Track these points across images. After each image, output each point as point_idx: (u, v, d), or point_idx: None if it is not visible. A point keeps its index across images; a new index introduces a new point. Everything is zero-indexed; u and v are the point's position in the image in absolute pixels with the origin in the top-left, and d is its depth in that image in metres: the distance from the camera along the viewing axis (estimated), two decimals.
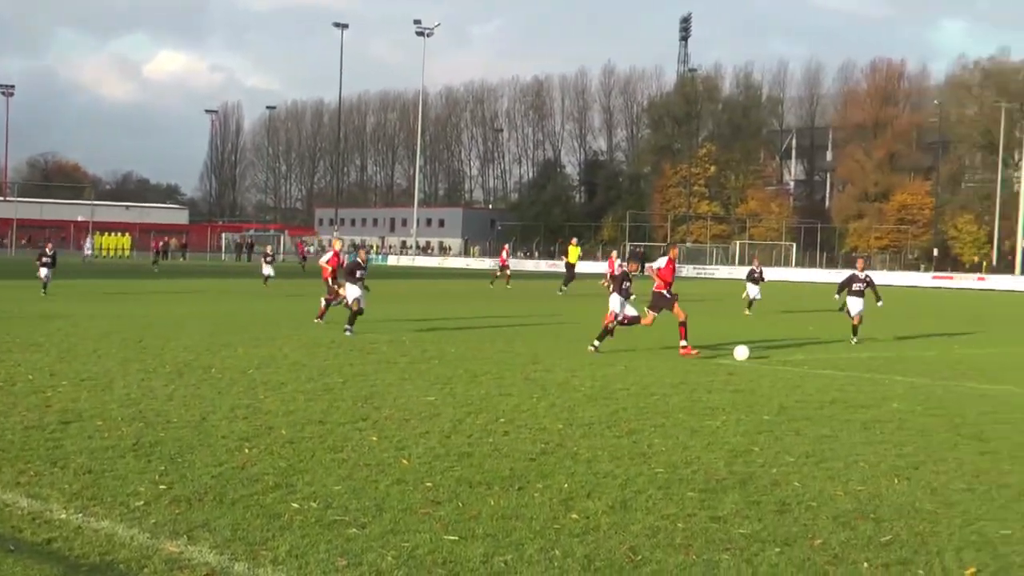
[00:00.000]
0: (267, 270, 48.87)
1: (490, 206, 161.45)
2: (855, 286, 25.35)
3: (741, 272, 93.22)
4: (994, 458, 11.01)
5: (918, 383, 17.44)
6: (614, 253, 48.20)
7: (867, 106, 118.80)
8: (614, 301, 21.47)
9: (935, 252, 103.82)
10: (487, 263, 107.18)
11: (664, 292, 21.39)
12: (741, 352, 20.07)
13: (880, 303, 25.74)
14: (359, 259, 24.92)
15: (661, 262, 21.84)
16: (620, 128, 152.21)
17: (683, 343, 20.65)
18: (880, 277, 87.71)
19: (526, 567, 6.95)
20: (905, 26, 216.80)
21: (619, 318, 21.42)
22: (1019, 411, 14.53)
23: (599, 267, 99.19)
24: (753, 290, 36.53)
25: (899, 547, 7.62)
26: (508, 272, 52.86)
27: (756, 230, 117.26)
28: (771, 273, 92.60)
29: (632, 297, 21.79)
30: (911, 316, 36.61)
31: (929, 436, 12.25)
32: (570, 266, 47.81)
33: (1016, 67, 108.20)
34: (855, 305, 25.13)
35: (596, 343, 20.89)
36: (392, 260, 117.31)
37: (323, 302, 26.54)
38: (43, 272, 36.09)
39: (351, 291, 24.10)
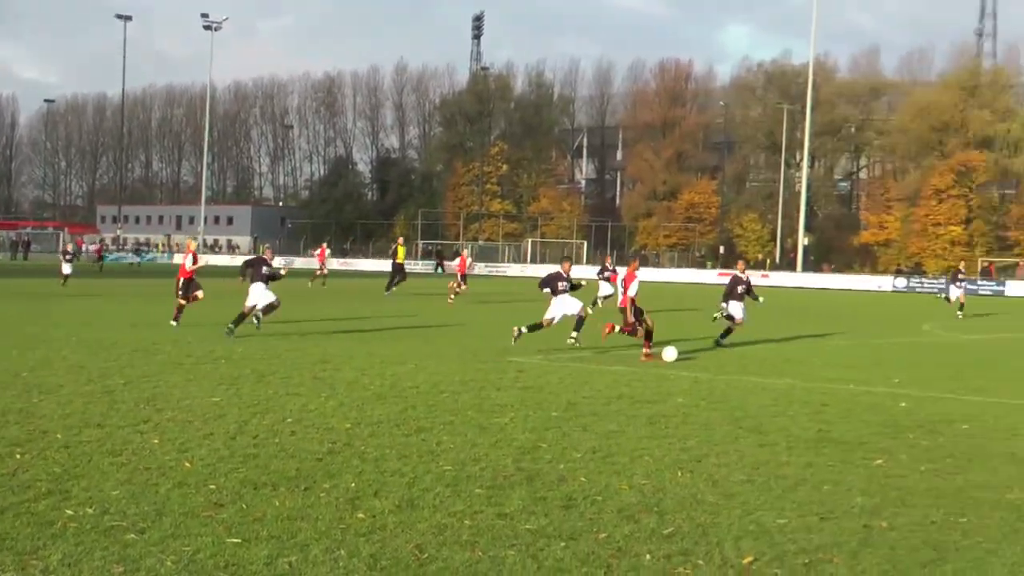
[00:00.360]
0: (66, 268, 46.93)
1: (280, 203, 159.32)
2: (739, 288, 24.61)
3: (534, 270, 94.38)
4: (772, 450, 11.35)
5: (702, 378, 17.86)
6: (465, 252, 47.88)
7: (656, 106, 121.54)
8: (555, 305, 21.79)
9: (721, 249, 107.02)
10: (277, 261, 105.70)
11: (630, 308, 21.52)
12: (670, 353, 20.07)
13: (761, 300, 25.35)
14: (265, 256, 23.92)
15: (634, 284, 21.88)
16: (413, 126, 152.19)
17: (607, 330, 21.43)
18: (668, 274, 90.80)
19: (311, 568, 6.83)
20: (692, 27, 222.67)
21: (554, 320, 21.94)
22: (798, 403, 15.02)
23: (383, 266, 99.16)
24: (606, 288, 36.98)
25: (681, 538, 7.78)
26: (321, 273, 52.07)
27: (548, 228, 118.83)
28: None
29: (584, 284, 22.32)
30: (698, 312, 37.56)
31: (712, 430, 12.56)
32: (398, 266, 47.29)
33: (797, 70, 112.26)
34: (737, 310, 24.49)
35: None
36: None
37: (177, 305, 25.36)
38: None
39: (254, 293, 23.23)
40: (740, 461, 10.67)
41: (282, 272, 24.34)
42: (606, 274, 36.83)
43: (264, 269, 23.38)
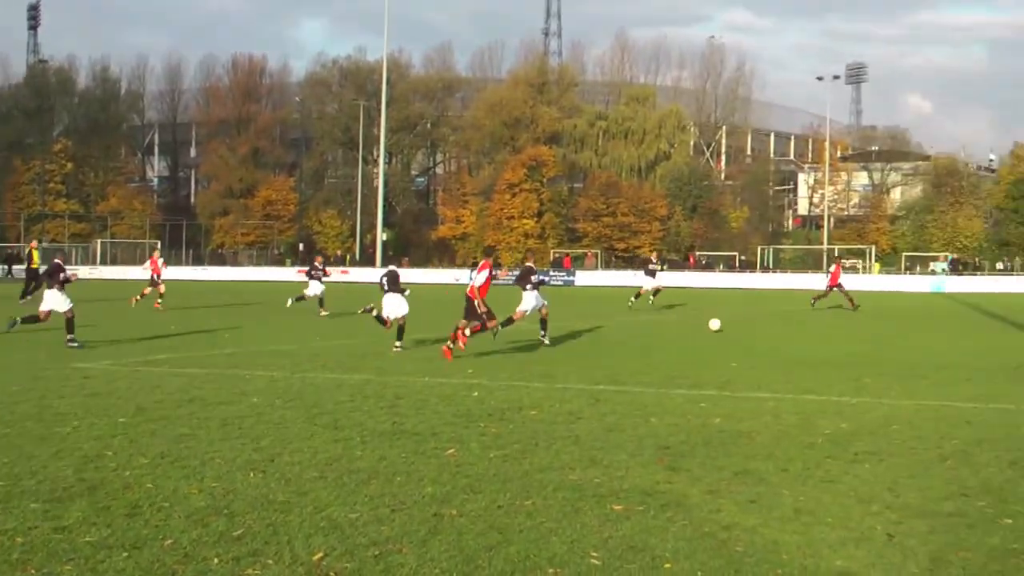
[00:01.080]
0: None
1: None
2: (533, 278, 24.83)
3: (105, 272, 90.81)
4: (347, 444, 11.34)
5: (278, 376, 17.67)
6: (156, 253, 43.89)
7: (229, 102, 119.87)
8: (388, 303, 22.99)
9: (300, 247, 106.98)
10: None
11: (476, 302, 22.08)
12: (715, 324, 27.95)
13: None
14: (59, 262, 23.40)
15: (483, 277, 22.32)
16: None
17: (459, 344, 21.40)
18: (248, 273, 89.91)
19: None
20: (266, 22, 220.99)
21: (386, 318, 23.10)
22: (373, 398, 15.07)
23: None
24: (317, 287, 35.61)
25: (251, 539, 7.62)
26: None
27: (119, 228, 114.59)
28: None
29: (407, 293, 23.17)
30: (276, 311, 37.29)
31: (286, 428, 12.41)
32: (33, 271, 43.59)
33: (372, 66, 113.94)
34: (531, 298, 24.56)
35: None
36: None
37: None
38: None
39: (49, 300, 22.55)
40: (314, 458, 10.59)
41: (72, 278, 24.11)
42: (317, 274, 36.23)
43: (62, 276, 23.18)
